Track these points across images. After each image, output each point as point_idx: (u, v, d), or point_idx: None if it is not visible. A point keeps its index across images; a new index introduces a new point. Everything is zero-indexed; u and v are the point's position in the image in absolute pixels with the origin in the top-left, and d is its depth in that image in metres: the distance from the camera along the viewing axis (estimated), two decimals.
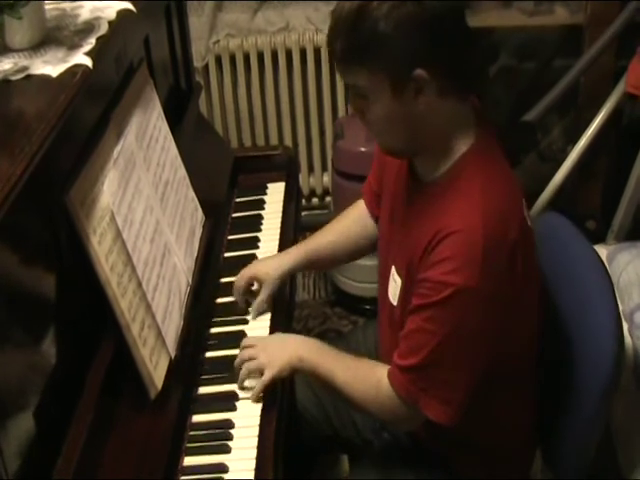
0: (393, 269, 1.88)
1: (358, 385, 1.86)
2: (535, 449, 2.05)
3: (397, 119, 1.70)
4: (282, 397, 1.94)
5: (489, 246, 1.65)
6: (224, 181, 2.54)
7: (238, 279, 2.17)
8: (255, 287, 2.17)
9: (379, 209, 2.07)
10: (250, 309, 2.15)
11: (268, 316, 2.14)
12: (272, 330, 2.10)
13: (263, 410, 1.88)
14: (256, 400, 1.89)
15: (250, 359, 1.92)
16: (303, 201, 3.79)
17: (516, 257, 1.70)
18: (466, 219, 1.66)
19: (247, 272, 2.17)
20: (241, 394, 1.92)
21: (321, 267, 2.97)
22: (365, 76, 1.66)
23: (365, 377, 1.86)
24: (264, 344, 1.97)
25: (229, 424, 1.86)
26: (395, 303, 1.87)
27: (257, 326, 2.11)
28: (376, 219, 2.13)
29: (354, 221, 2.22)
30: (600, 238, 3.16)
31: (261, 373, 1.90)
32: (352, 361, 1.90)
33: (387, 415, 1.87)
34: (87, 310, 1.69)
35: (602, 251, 2.57)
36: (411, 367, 1.76)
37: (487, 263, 1.65)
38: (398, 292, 1.86)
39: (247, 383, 1.92)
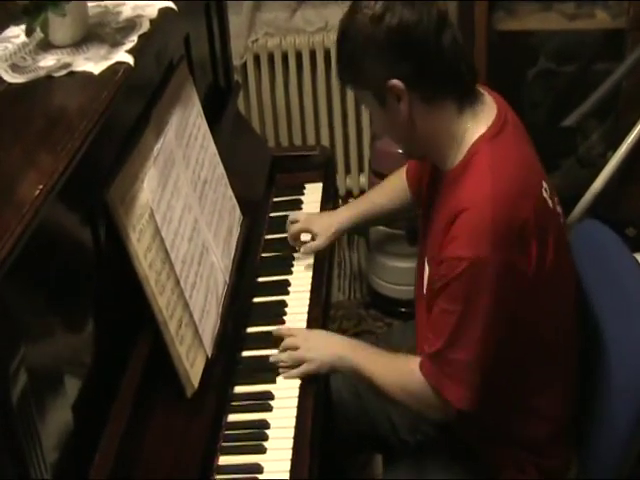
0: (425, 259, 1.95)
1: (392, 377, 1.92)
2: (573, 449, 2.02)
3: (393, 125, 1.86)
4: (317, 398, 1.94)
5: (498, 220, 1.71)
6: (262, 180, 2.54)
7: (293, 231, 2.35)
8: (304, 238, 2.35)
9: (417, 186, 2.20)
10: (302, 248, 2.33)
11: (305, 317, 2.14)
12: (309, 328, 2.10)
13: (299, 412, 1.88)
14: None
15: (292, 348, 1.98)
16: (339, 201, 3.78)
17: (528, 236, 1.74)
18: (475, 196, 1.74)
19: (302, 226, 2.34)
20: (279, 378, 1.97)
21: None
22: (355, 91, 1.91)
23: (398, 368, 1.92)
24: (306, 336, 2.03)
25: (265, 424, 1.85)
26: (425, 291, 1.93)
27: (294, 327, 2.11)
28: (413, 192, 2.27)
29: (403, 186, 2.33)
30: None
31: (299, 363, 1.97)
32: (388, 356, 1.97)
33: (417, 403, 1.91)
34: (125, 307, 1.70)
35: None
36: (437, 352, 1.81)
37: (497, 236, 1.71)
38: (426, 280, 1.92)
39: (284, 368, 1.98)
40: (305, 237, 2.35)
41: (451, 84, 1.80)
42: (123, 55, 1.72)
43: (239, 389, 1.95)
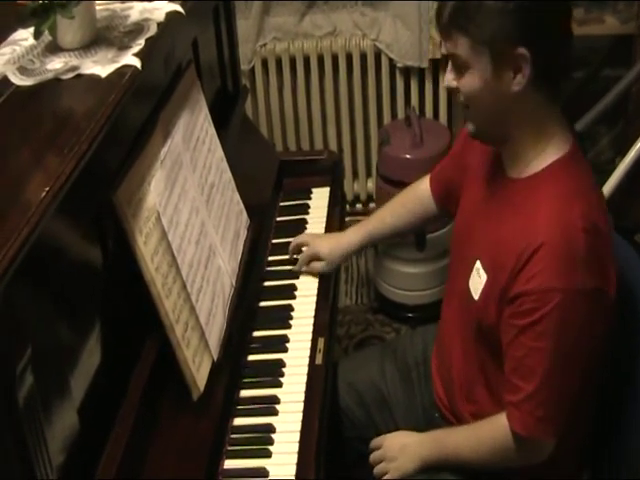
0: (478, 263, 1.85)
1: (484, 447, 1.87)
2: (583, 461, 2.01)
3: (490, 95, 1.71)
4: (324, 402, 1.94)
5: (590, 250, 1.66)
6: (269, 184, 2.54)
7: (302, 258, 2.30)
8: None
9: (445, 200, 2.15)
10: (303, 268, 2.30)
11: (311, 322, 2.14)
12: (314, 335, 2.10)
13: (305, 415, 1.88)
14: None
15: (377, 461, 2.01)
16: (347, 206, 3.78)
17: (611, 262, 1.72)
18: (563, 226, 1.67)
19: (310, 252, 2.29)
20: (285, 382, 1.98)
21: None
22: (467, 46, 1.68)
23: (486, 435, 1.87)
24: (387, 446, 2.01)
25: (270, 428, 1.85)
26: (477, 297, 1.85)
27: (300, 331, 2.12)
28: (441, 207, 2.21)
29: (416, 202, 2.28)
30: None
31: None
32: (472, 428, 1.91)
33: (519, 459, 1.83)
34: (132, 310, 1.70)
35: None
36: (527, 397, 1.74)
37: (589, 265, 1.67)
38: (482, 287, 1.83)
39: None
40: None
41: (559, 73, 1.73)
42: (130, 58, 1.72)
43: (245, 393, 1.95)
